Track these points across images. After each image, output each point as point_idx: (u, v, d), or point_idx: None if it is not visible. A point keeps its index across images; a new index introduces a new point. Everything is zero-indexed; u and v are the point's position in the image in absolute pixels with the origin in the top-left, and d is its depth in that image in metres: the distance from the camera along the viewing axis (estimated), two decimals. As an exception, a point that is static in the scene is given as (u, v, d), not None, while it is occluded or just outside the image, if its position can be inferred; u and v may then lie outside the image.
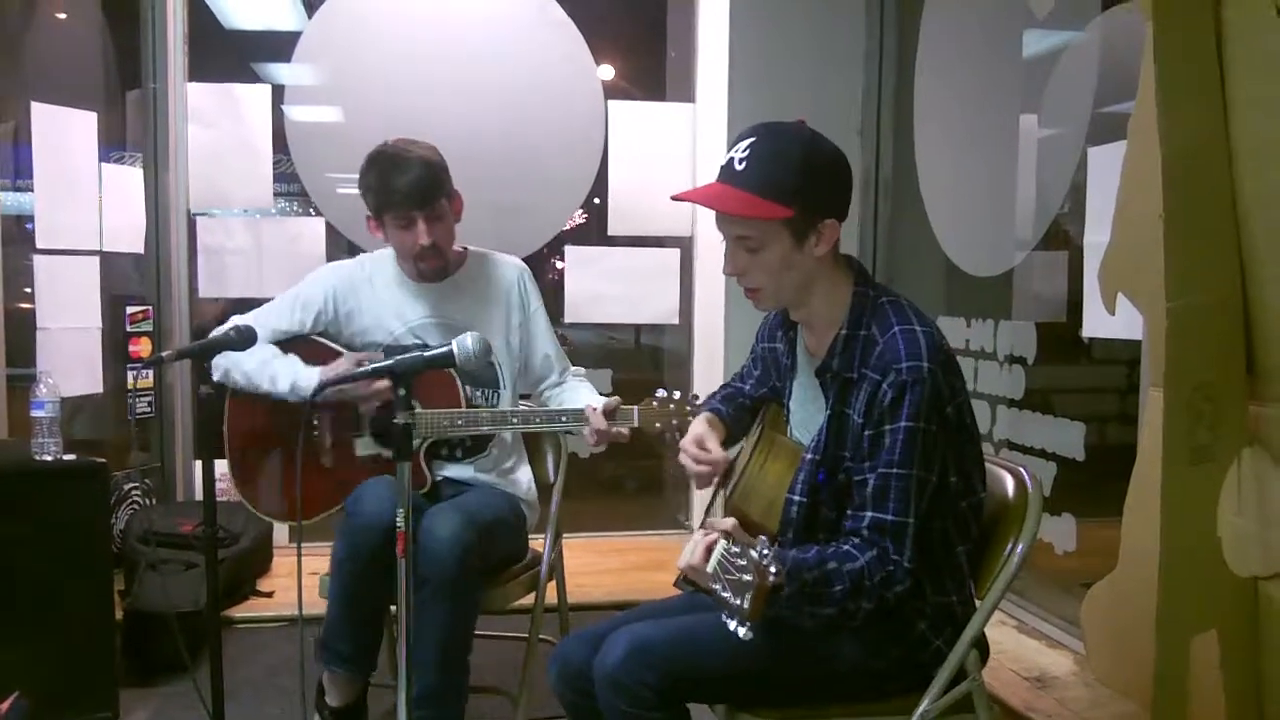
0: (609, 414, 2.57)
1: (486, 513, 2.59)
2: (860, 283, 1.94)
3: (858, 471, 1.85)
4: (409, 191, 2.59)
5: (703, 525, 1.85)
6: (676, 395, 2.61)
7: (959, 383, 1.89)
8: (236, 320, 2.67)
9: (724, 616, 1.60)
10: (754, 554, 1.57)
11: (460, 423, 2.65)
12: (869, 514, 1.82)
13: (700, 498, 4.40)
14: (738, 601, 1.57)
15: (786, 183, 1.83)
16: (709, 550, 1.67)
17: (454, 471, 2.77)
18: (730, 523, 1.73)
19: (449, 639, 2.45)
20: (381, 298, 2.77)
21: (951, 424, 1.86)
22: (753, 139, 1.87)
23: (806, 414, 2.04)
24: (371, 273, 2.80)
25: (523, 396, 2.87)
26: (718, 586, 1.62)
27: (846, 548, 1.81)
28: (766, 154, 1.85)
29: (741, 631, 1.57)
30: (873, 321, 1.89)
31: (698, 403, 2.58)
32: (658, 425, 2.60)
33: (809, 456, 1.93)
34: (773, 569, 1.57)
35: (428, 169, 2.62)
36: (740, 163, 1.85)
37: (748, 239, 1.88)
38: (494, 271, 2.84)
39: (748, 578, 1.56)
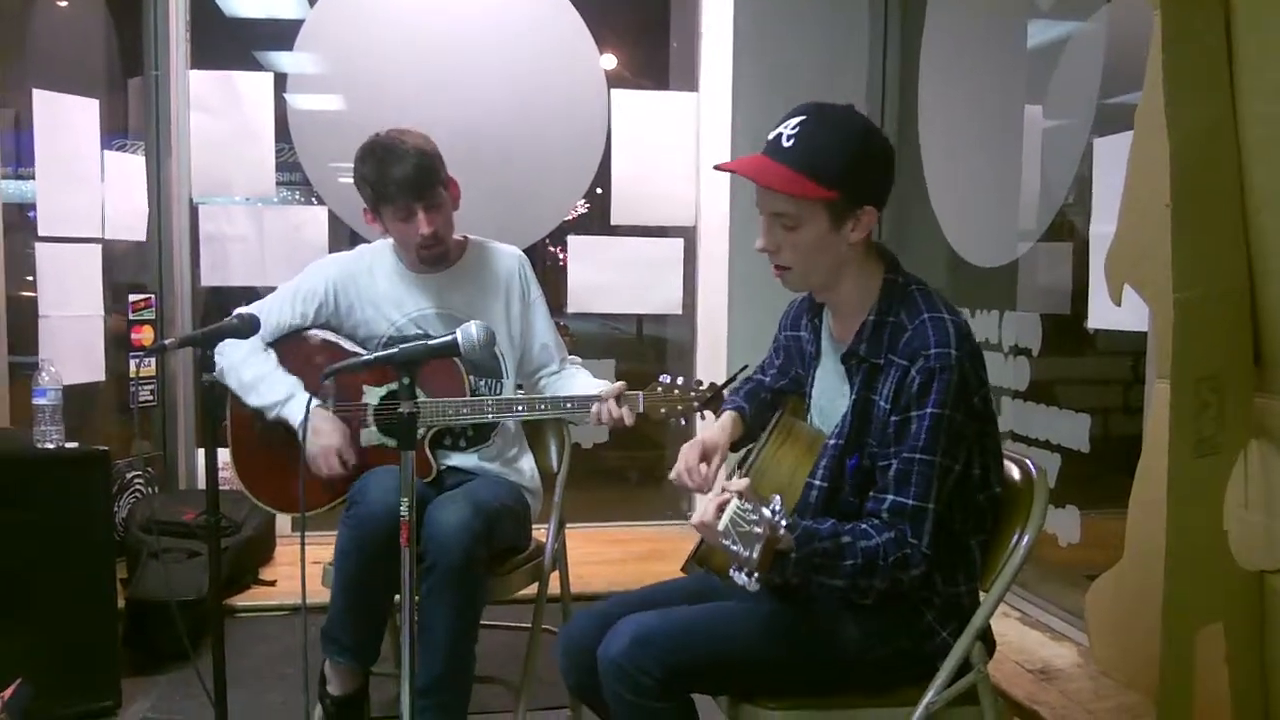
0: (616, 399, 2.56)
1: (493, 501, 2.58)
2: (891, 270, 1.95)
3: (882, 457, 1.86)
4: (406, 182, 2.58)
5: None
6: (680, 381, 2.60)
7: (984, 374, 1.89)
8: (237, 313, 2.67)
9: (732, 570, 1.64)
10: (766, 511, 1.60)
11: (465, 411, 2.64)
12: (890, 497, 1.82)
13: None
14: (747, 553, 1.60)
15: (833, 165, 1.82)
16: (721, 510, 1.68)
17: (458, 460, 2.76)
18: (744, 483, 1.73)
19: (456, 627, 2.45)
20: (381, 289, 2.76)
21: (977, 414, 1.86)
22: (804, 117, 1.85)
23: (829, 401, 2.04)
24: (371, 264, 2.79)
25: (517, 386, 2.86)
26: (727, 542, 1.64)
27: (864, 526, 1.82)
28: (816, 134, 1.83)
29: (749, 583, 1.61)
30: (902, 309, 1.90)
31: (702, 388, 2.59)
32: (663, 411, 2.59)
33: (833, 442, 1.93)
34: (784, 522, 1.60)
35: (423, 158, 2.60)
36: (789, 139, 1.84)
37: (785, 216, 1.87)
38: (494, 260, 2.83)
39: (758, 530, 1.59)
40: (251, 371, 2.65)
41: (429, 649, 2.44)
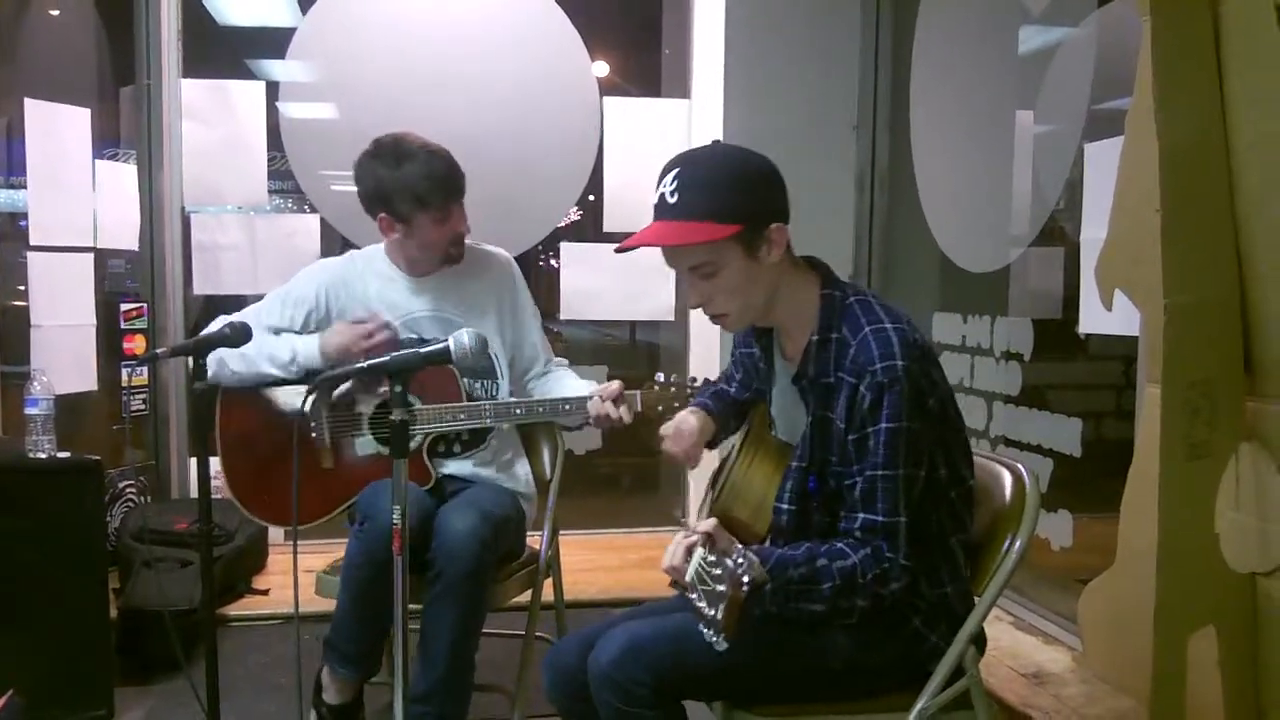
0: (614, 399, 2.56)
1: (498, 509, 2.59)
2: (826, 285, 1.94)
3: (846, 475, 1.86)
4: (450, 183, 2.61)
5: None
6: (675, 378, 2.60)
7: (937, 373, 1.88)
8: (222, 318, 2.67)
9: (701, 626, 1.61)
10: (729, 563, 1.56)
11: (463, 416, 2.64)
12: (860, 515, 1.82)
13: (696, 494, 4.40)
14: (712, 612, 1.57)
15: (723, 200, 1.82)
16: (689, 551, 1.67)
17: (454, 468, 2.76)
18: (710, 524, 1.73)
19: (460, 636, 2.44)
20: (374, 293, 2.76)
21: (934, 416, 1.85)
22: (676, 169, 1.86)
23: (790, 419, 2.04)
24: (363, 269, 2.79)
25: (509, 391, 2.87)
26: (694, 596, 1.63)
27: (840, 545, 1.81)
28: (694, 179, 1.84)
29: (717, 643, 1.58)
30: (843, 324, 1.89)
31: (696, 384, 2.59)
32: (659, 408, 2.58)
33: (795, 464, 1.93)
34: (746, 578, 1.56)
35: (444, 156, 2.63)
36: (672, 195, 1.85)
37: (702, 266, 1.87)
38: (485, 263, 2.84)
39: (721, 588, 1.56)
40: (251, 345, 2.50)
41: (430, 657, 2.44)
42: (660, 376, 2.61)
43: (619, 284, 4.51)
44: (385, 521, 2.38)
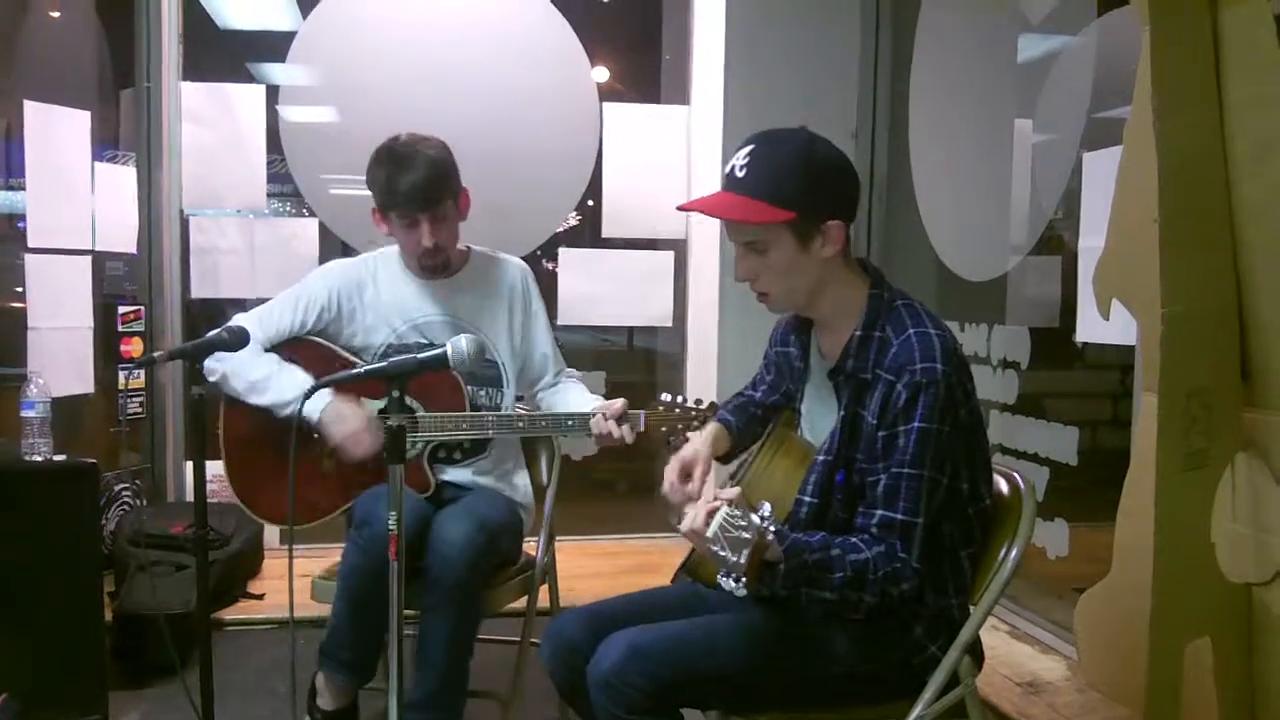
0: (618, 418, 2.56)
1: (495, 517, 2.59)
2: (875, 286, 1.95)
3: (871, 472, 1.86)
4: (413, 194, 2.58)
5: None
6: (680, 400, 2.59)
7: (971, 387, 1.90)
8: (236, 319, 2.67)
9: (720, 576, 1.65)
10: (755, 517, 1.62)
11: (465, 426, 2.63)
12: (879, 512, 1.83)
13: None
14: (735, 558, 1.61)
15: (786, 186, 1.84)
16: (710, 517, 1.68)
17: (453, 475, 2.76)
18: (735, 492, 1.73)
19: (455, 643, 2.44)
20: (385, 296, 2.76)
21: (964, 428, 1.87)
22: (752, 146, 1.88)
23: (818, 418, 2.04)
24: (376, 270, 2.79)
25: (517, 398, 2.86)
26: (716, 548, 1.64)
27: (854, 540, 1.82)
28: (766, 159, 1.86)
29: (737, 588, 1.62)
30: (887, 324, 1.91)
31: (702, 406, 2.58)
32: (663, 430, 2.59)
33: (821, 457, 1.93)
34: (773, 529, 1.63)
35: (434, 169, 2.60)
36: (741, 169, 1.87)
37: (754, 243, 1.89)
38: (498, 271, 2.83)
39: (746, 536, 1.60)
40: (260, 370, 2.60)
41: (426, 664, 2.44)
42: (665, 397, 2.61)
43: (617, 289, 4.51)
44: (383, 528, 2.37)
